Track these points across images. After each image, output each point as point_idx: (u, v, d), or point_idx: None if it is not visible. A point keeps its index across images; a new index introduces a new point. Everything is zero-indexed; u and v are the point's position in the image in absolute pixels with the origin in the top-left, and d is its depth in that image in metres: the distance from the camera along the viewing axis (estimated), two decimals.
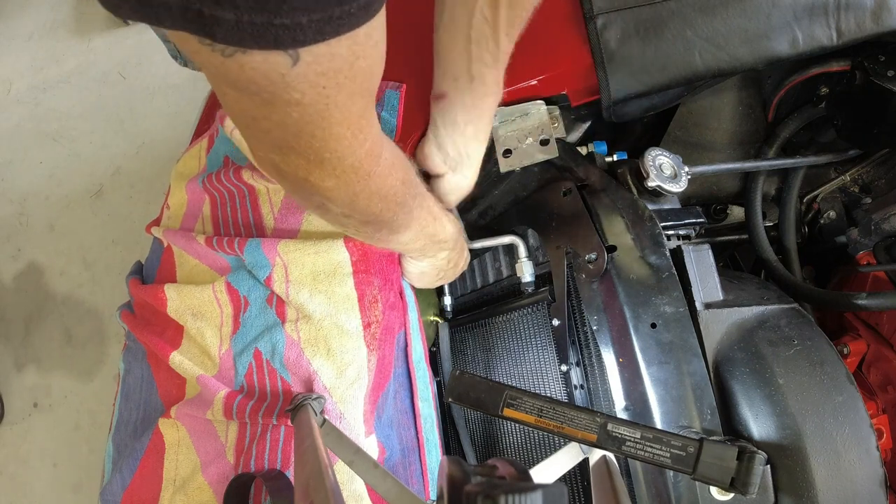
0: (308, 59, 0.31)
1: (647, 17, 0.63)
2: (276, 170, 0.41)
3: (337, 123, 0.37)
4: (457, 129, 0.61)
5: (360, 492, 0.59)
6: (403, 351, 0.67)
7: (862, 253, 0.74)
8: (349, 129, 0.38)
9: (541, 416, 0.46)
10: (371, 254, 0.62)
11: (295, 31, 0.29)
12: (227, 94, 0.35)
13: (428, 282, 0.70)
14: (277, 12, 0.27)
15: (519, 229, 0.73)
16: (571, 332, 0.64)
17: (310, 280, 0.61)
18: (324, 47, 0.31)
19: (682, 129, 0.81)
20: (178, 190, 0.81)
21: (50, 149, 1.96)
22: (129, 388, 0.78)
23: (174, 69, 1.87)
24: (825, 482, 0.50)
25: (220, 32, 0.28)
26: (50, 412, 1.69)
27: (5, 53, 2.13)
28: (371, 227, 0.50)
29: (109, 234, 1.81)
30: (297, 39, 0.29)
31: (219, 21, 0.27)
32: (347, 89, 0.35)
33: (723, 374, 0.55)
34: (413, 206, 0.52)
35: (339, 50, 0.32)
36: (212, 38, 0.28)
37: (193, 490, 0.63)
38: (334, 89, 0.34)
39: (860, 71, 0.65)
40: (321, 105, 0.34)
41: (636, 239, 0.57)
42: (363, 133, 0.40)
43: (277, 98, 0.33)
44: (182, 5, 0.27)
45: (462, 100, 0.59)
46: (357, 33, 0.32)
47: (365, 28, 0.32)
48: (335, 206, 0.45)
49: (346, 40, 0.32)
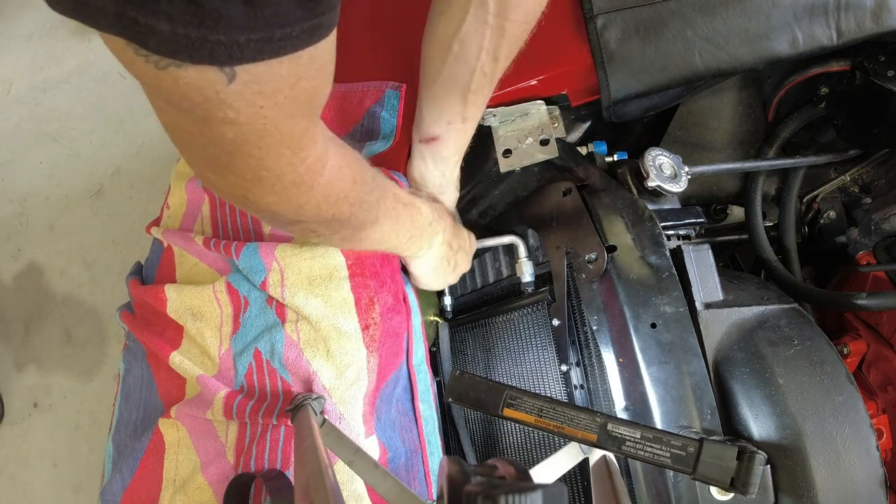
0: (245, 77, 0.30)
1: (647, 17, 0.63)
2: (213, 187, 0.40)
3: (276, 143, 0.36)
4: (446, 162, 0.62)
5: (359, 492, 0.59)
6: (405, 353, 0.67)
7: (862, 253, 0.74)
8: (289, 149, 0.37)
9: (541, 416, 0.46)
10: (366, 257, 0.63)
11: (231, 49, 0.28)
12: (162, 109, 0.34)
13: (441, 278, 0.69)
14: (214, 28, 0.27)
15: (519, 229, 0.73)
16: (571, 332, 0.64)
17: (306, 284, 0.61)
18: (262, 66, 0.30)
19: (682, 129, 0.81)
20: (177, 190, 0.81)
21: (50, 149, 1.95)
22: (129, 388, 0.78)
23: None
24: (825, 482, 0.50)
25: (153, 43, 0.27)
26: (50, 412, 1.69)
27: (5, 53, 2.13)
28: (328, 228, 0.49)
29: (109, 234, 1.81)
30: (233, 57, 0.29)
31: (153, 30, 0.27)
32: (288, 110, 0.34)
33: (723, 374, 0.55)
34: (372, 200, 0.50)
35: (280, 70, 0.31)
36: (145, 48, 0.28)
37: (193, 490, 0.63)
38: (273, 109, 0.33)
39: (860, 71, 0.65)
40: (258, 125, 0.33)
41: (636, 239, 0.57)
42: (304, 151, 0.39)
43: (212, 115, 0.32)
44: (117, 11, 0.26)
45: (453, 138, 0.60)
46: (300, 55, 0.31)
47: (309, 51, 0.31)
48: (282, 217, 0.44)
49: (287, 62, 0.31)
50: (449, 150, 0.61)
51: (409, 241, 0.60)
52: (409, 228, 0.58)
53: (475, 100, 0.56)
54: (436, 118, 0.59)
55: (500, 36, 0.51)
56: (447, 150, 0.61)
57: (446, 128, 0.59)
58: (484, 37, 0.51)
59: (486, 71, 0.54)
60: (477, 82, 0.54)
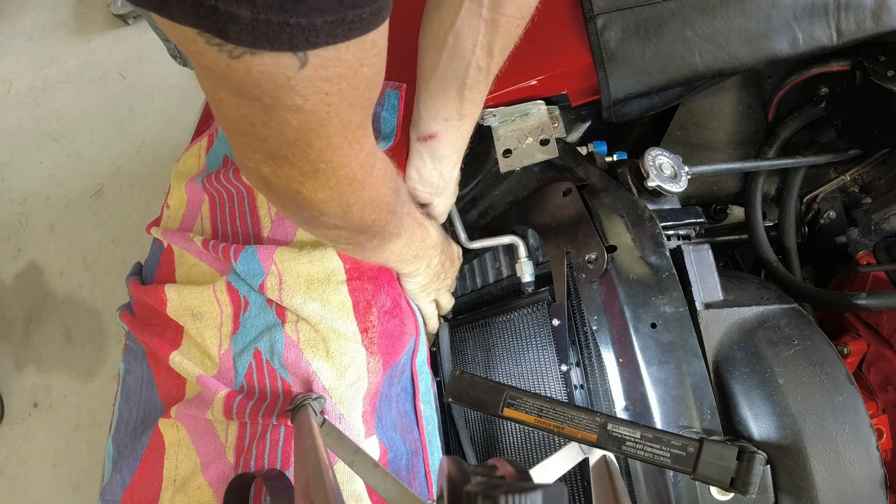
0: (315, 62, 0.30)
1: (647, 16, 0.63)
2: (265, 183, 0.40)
3: (336, 133, 0.36)
4: (444, 161, 0.62)
5: (359, 492, 0.59)
6: (407, 354, 0.67)
7: (862, 253, 0.73)
8: (346, 140, 0.37)
9: (541, 416, 0.46)
10: (363, 261, 0.63)
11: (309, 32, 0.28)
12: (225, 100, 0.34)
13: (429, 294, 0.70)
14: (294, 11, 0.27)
15: (519, 229, 0.73)
16: (571, 332, 0.64)
17: (304, 288, 0.62)
18: (332, 51, 0.30)
19: (682, 129, 0.81)
20: (177, 189, 0.81)
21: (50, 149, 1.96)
22: (129, 388, 0.78)
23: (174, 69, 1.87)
24: (825, 482, 0.50)
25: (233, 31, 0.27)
26: (50, 412, 1.69)
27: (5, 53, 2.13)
28: (363, 236, 0.49)
29: (109, 233, 1.81)
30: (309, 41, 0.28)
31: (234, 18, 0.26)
32: (350, 98, 0.34)
33: (723, 374, 0.55)
34: (402, 213, 0.52)
35: (346, 55, 0.31)
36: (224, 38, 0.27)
37: (193, 490, 0.63)
38: (337, 96, 0.33)
39: (860, 71, 0.65)
40: (322, 112, 0.34)
41: (636, 239, 0.57)
42: (360, 143, 0.39)
43: (279, 103, 0.32)
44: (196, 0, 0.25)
45: (451, 136, 0.60)
46: (364, 39, 0.31)
47: (372, 35, 0.31)
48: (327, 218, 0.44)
49: (353, 46, 0.31)
50: (447, 149, 0.61)
51: (413, 259, 0.61)
52: (419, 247, 0.60)
53: (472, 96, 0.56)
54: (433, 115, 0.59)
55: (495, 30, 0.51)
56: (445, 148, 0.61)
57: (444, 125, 0.59)
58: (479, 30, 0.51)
59: (481, 66, 0.54)
60: (472, 77, 0.54)
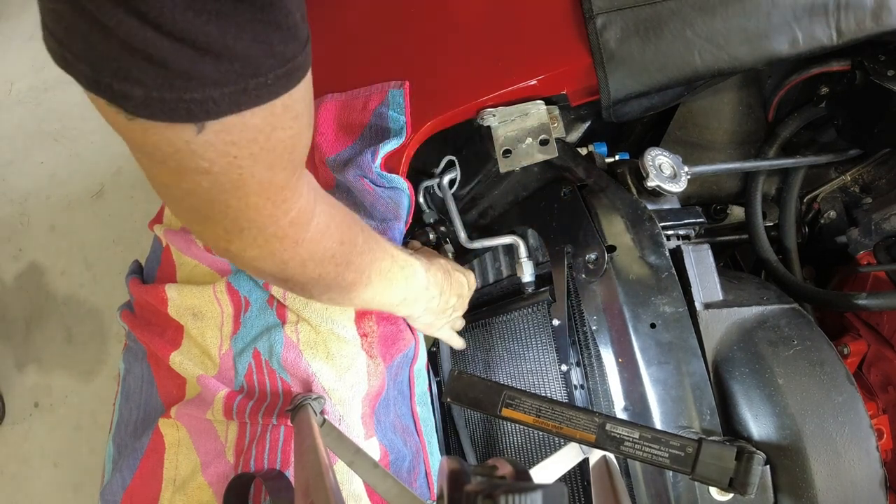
0: (216, 128, 0.30)
1: (646, 16, 0.63)
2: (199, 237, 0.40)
3: (254, 194, 0.35)
4: None
5: (358, 492, 0.59)
6: (401, 358, 0.67)
7: (862, 253, 0.73)
8: (270, 200, 0.36)
9: (539, 416, 0.46)
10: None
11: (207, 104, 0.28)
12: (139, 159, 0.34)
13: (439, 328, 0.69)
14: (186, 88, 0.27)
15: (519, 229, 0.73)
16: (571, 332, 0.64)
17: None
18: (235, 118, 0.30)
19: (682, 129, 0.81)
20: None
21: (51, 149, 1.96)
22: (130, 388, 0.78)
23: None
24: (825, 482, 0.50)
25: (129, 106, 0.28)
26: (51, 412, 1.69)
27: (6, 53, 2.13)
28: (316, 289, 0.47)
29: (110, 234, 1.81)
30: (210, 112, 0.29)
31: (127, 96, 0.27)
32: (265, 160, 0.33)
33: (722, 374, 0.55)
34: (362, 262, 0.49)
35: (253, 121, 0.31)
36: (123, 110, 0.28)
37: (193, 490, 0.63)
38: (248, 160, 0.32)
39: (860, 71, 0.65)
40: (234, 175, 0.33)
41: (636, 239, 0.57)
42: (287, 203, 0.37)
43: (184, 166, 0.32)
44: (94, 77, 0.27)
45: None
46: (273, 105, 0.31)
47: (283, 99, 0.31)
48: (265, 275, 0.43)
49: (259, 112, 0.31)
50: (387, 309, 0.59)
51: (402, 303, 0.58)
52: (403, 291, 0.56)
53: None
54: None
55: None
56: None
57: None
58: None
59: None
60: None
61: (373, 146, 0.67)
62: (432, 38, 0.72)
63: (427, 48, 0.72)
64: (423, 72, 0.70)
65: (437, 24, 0.72)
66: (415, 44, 0.73)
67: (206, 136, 0.30)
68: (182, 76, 0.27)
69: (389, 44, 0.74)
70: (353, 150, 0.70)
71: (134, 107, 0.28)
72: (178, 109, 0.28)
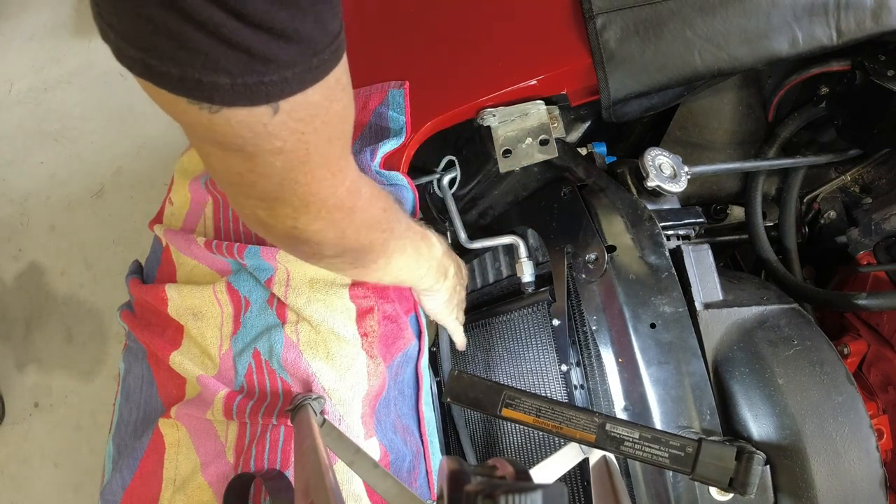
0: (287, 107, 0.33)
1: (646, 16, 0.63)
2: (263, 225, 0.43)
3: (318, 167, 0.39)
4: None
5: (358, 492, 0.59)
6: (402, 357, 0.67)
7: (862, 253, 0.73)
8: (330, 171, 0.40)
9: (539, 416, 0.46)
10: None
11: (282, 85, 0.31)
12: (212, 154, 0.37)
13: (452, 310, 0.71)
14: (265, 72, 0.30)
15: (519, 229, 0.73)
16: (571, 332, 0.64)
17: (307, 288, 0.62)
18: (300, 96, 0.33)
19: (682, 129, 0.81)
20: (181, 186, 0.81)
21: (51, 149, 1.96)
22: (130, 388, 0.78)
23: None
24: (825, 482, 0.50)
25: (217, 97, 0.30)
26: (51, 412, 1.69)
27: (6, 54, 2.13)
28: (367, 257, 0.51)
29: (110, 234, 1.81)
30: (283, 91, 0.32)
31: (216, 87, 0.30)
32: (325, 133, 0.37)
33: (722, 374, 0.55)
34: (400, 229, 0.54)
35: (314, 97, 0.34)
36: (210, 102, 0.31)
37: (193, 490, 0.63)
38: (313, 134, 0.36)
39: (860, 71, 0.65)
40: (302, 151, 0.36)
41: (636, 239, 0.57)
42: (343, 173, 0.42)
43: (261, 149, 0.35)
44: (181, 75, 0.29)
45: None
46: (328, 79, 0.34)
47: (335, 72, 0.34)
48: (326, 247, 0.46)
49: (319, 87, 0.34)
50: None
51: (427, 273, 0.61)
52: (428, 259, 0.60)
53: None
54: None
55: None
56: None
57: None
58: None
59: None
60: None
61: (372, 146, 0.67)
62: (432, 37, 0.72)
63: (427, 48, 0.72)
64: (423, 72, 0.70)
65: (437, 24, 0.72)
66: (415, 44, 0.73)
67: (280, 116, 0.33)
68: (262, 61, 0.30)
69: (389, 44, 0.75)
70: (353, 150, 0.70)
71: (221, 96, 0.30)
72: (259, 93, 0.31)
